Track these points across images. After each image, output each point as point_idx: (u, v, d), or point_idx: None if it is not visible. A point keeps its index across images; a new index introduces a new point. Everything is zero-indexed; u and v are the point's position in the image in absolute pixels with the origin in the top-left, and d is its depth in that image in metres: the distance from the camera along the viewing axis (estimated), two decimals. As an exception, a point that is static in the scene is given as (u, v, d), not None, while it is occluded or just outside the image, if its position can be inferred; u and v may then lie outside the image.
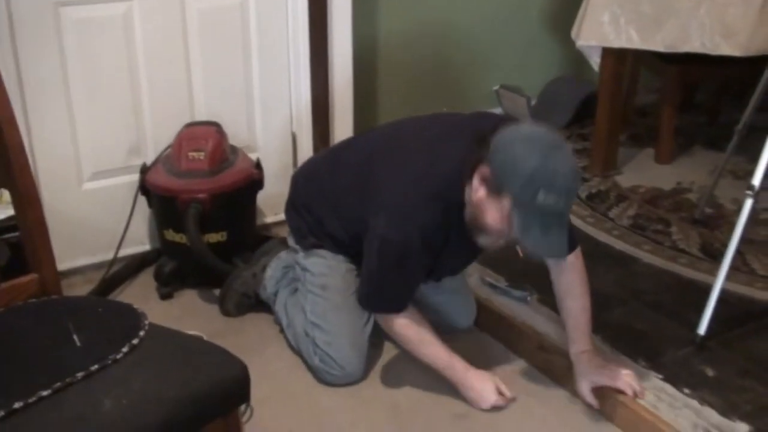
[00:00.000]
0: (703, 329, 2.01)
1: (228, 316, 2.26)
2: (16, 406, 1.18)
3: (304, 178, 2.12)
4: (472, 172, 1.71)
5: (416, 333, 1.90)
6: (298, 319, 2.07)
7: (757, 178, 1.97)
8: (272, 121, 2.67)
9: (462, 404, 1.91)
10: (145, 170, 2.38)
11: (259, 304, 2.25)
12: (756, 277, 2.34)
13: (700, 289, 2.17)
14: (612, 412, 1.86)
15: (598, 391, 1.86)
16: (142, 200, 2.40)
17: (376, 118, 3.24)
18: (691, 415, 1.79)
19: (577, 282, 1.92)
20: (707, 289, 2.02)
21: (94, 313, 1.46)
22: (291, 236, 2.12)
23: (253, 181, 2.40)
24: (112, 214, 2.42)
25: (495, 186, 1.66)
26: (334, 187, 1.97)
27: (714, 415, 1.79)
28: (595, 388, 1.86)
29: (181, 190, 2.27)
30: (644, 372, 1.93)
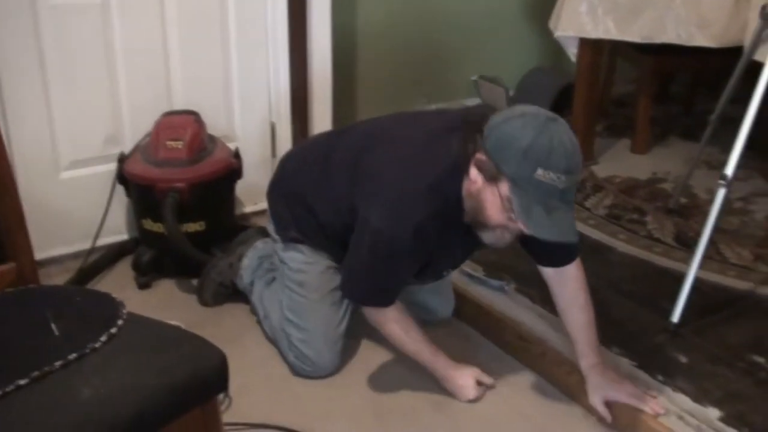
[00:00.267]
0: (676, 317, 2.04)
1: (205, 306, 2.26)
2: (-6, 394, 1.18)
3: (294, 165, 2.05)
4: (468, 164, 1.64)
5: (402, 328, 1.88)
6: (274, 312, 2.07)
7: (729, 168, 2.00)
8: (251, 110, 2.67)
9: (440, 392, 1.93)
10: (122, 159, 2.38)
11: (236, 294, 2.25)
12: (728, 266, 2.38)
13: (675, 278, 2.20)
14: (579, 394, 1.89)
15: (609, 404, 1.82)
16: (120, 189, 2.40)
17: (356, 108, 3.24)
18: (664, 402, 1.81)
19: (580, 294, 1.86)
20: (681, 278, 2.05)
21: (72, 301, 1.45)
22: (271, 223, 2.07)
23: (232, 171, 2.40)
24: (90, 204, 2.41)
25: (491, 170, 1.59)
26: (327, 177, 1.91)
27: (687, 401, 1.82)
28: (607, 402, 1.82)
29: (159, 179, 2.26)
30: (618, 360, 1.96)
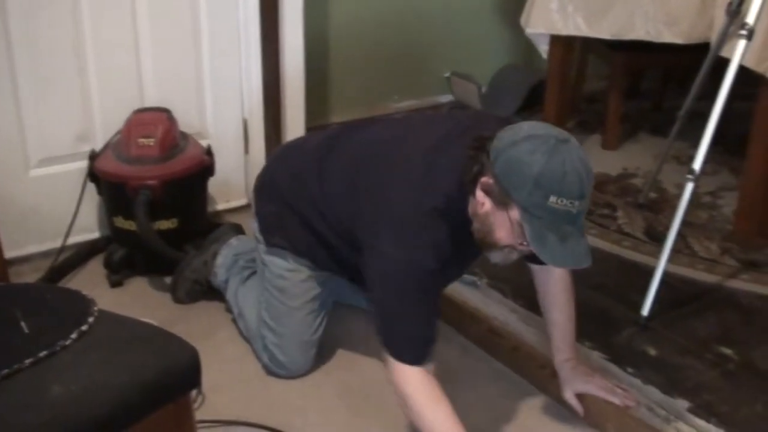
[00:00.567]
0: (646, 310, 2.07)
1: (180, 304, 2.25)
2: (-37, 393, 1.17)
3: (288, 174, 1.91)
4: (474, 185, 1.53)
5: (429, 397, 1.58)
6: (249, 310, 2.07)
7: (697, 163, 2.03)
8: (223, 107, 2.66)
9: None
10: (93, 156, 2.36)
11: (211, 291, 2.24)
12: (697, 259, 2.41)
13: (645, 272, 2.22)
14: (546, 387, 1.92)
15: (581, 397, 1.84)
16: (91, 187, 2.38)
17: (329, 104, 3.25)
18: (635, 394, 1.83)
19: (563, 293, 1.83)
20: (651, 272, 2.08)
21: (42, 299, 1.45)
22: (256, 222, 1.98)
23: (204, 168, 2.40)
24: (61, 202, 2.39)
25: (500, 197, 1.48)
26: (323, 195, 1.80)
27: (656, 393, 1.85)
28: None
29: (130, 176, 2.25)
30: (590, 353, 1.98)
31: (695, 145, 2.04)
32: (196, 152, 2.40)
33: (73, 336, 1.30)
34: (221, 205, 2.70)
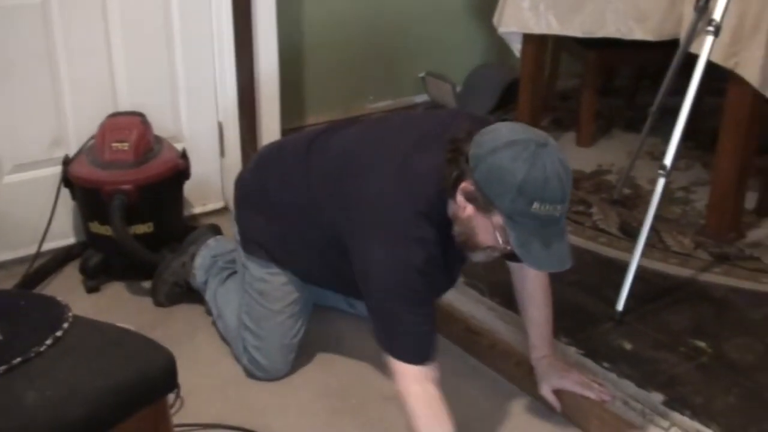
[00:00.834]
0: (621, 305, 2.09)
1: (160, 307, 2.25)
2: (-64, 401, 1.17)
3: (272, 183, 1.89)
4: (454, 190, 1.54)
5: (429, 404, 1.59)
6: (229, 312, 2.07)
7: (668, 158, 2.05)
8: (198, 110, 2.65)
9: (391, 386, 1.94)
10: (67, 162, 2.35)
11: (191, 293, 2.24)
12: (670, 254, 2.44)
13: (619, 267, 2.24)
14: (523, 384, 1.94)
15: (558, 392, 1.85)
16: (66, 193, 2.37)
17: (304, 106, 3.25)
18: (610, 388, 1.85)
19: (540, 290, 1.85)
20: (625, 267, 2.10)
21: (16, 305, 1.44)
22: (235, 226, 1.97)
23: (179, 172, 2.39)
24: (35, 208, 2.37)
25: (483, 203, 1.49)
26: (310, 201, 1.79)
27: (631, 387, 1.87)
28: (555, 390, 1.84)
29: (105, 181, 2.24)
30: (566, 348, 2.00)
31: (668, 141, 2.06)
32: (171, 156, 2.40)
33: (48, 342, 1.30)
34: (198, 209, 2.70)
